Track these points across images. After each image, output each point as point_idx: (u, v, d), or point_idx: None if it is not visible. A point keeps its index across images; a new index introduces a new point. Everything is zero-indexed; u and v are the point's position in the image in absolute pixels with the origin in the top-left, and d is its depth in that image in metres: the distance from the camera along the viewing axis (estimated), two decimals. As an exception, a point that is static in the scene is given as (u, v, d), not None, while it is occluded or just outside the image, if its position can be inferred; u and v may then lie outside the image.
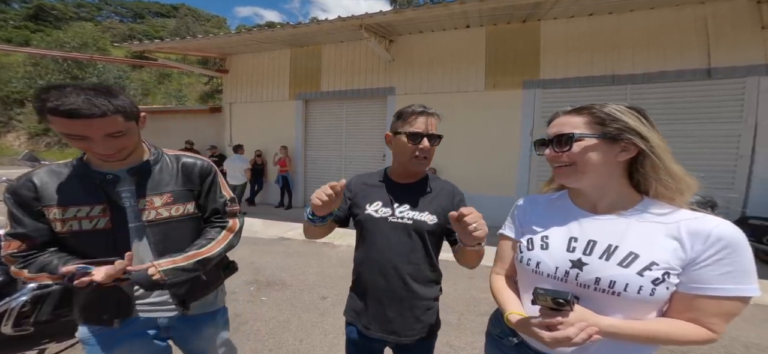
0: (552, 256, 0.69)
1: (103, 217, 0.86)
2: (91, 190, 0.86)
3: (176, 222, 0.95)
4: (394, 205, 0.99)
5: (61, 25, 32.11)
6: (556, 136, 0.70)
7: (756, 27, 4.29)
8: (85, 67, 21.00)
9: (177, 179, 0.97)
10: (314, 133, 7.32)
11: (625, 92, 4.96)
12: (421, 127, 0.96)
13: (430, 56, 6.02)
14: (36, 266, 0.82)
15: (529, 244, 0.74)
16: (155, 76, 26.44)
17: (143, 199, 0.91)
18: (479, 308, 2.76)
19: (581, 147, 0.66)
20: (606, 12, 4.90)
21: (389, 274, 0.96)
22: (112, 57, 17.65)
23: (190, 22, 38.41)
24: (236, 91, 7.84)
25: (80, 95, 0.74)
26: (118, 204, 0.88)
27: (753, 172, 4.36)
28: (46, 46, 20.17)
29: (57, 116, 0.73)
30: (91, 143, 0.79)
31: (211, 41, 6.81)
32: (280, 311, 2.63)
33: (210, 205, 1.02)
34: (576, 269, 0.65)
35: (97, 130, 0.77)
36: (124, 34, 34.85)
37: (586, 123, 0.67)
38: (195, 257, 0.92)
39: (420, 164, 0.98)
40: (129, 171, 0.90)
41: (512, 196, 5.54)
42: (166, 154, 1.00)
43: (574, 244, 0.68)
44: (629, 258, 0.61)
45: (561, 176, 0.71)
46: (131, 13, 57.49)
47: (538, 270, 0.70)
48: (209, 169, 1.03)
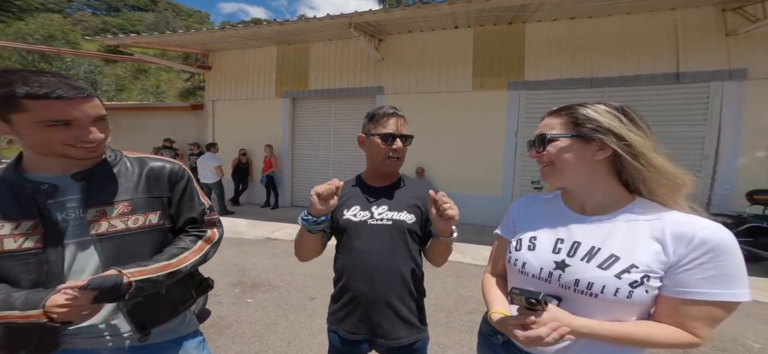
0: (538, 256, 0.70)
1: (32, 235, 0.72)
2: (22, 202, 0.73)
3: (133, 235, 0.81)
4: (372, 208, 0.99)
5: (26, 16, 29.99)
6: (537, 136, 0.72)
7: (721, 34, 4.60)
8: (52, 61, 19.73)
9: (138, 185, 0.84)
10: (302, 132, 7.20)
11: (603, 94, 5.19)
12: (393, 128, 0.98)
13: (419, 56, 6.06)
14: None
15: (517, 244, 0.75)
16: (131, 71, 25.22)
17: (93, 208, 0.77)
18: (467, 306, 2.79)
19: (557, 147, 0.67)
20: (586, 16, 5.11)
21: (373, 277, 0.95)
22: (82, 51, 16.64)
23: (170, 16, 36.87)
24: (220, 88, 7.59)
25: (51, 77, 0.68)
26: (53, 219, 0.74)
27: (717, 172, 4.67)
28: (7, 37, 18.78)
29: (37, 100, 0.65)
30: (78, 130, 0.71)
31: (192, 37, 6.54)
32: (266, 313, 2.56)
33: (184, 214, 0.91)
34: (559, 270, 0.66)
35: (84, 112, 0.71)
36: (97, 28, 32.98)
37: (563, 123, 0.68)
38: (166, 269, 0.79)
39: (393, 164, 1.01)
40: (75, 176, 0.77)
41: (498, 195, 5.67)
42: (126, 157, 0.87)
43: (560, 245, 0.68)
44: (610, 260, 0.61)
45: (544, 175, 0.73)
46: (105, 6, 54.47)
47: (524, 270, 0.71)
48: (181, 173, 0.91)
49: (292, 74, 6.99)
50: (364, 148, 1.05)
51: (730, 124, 4.60)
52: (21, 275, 0.72)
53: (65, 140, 0.71)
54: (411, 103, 5.98)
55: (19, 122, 0.68)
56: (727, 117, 4.62)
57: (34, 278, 0.72)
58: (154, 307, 0.84)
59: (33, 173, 0.76)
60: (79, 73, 20.73)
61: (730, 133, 4.60)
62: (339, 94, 6.68)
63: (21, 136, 0.71)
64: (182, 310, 0.92)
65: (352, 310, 0.98)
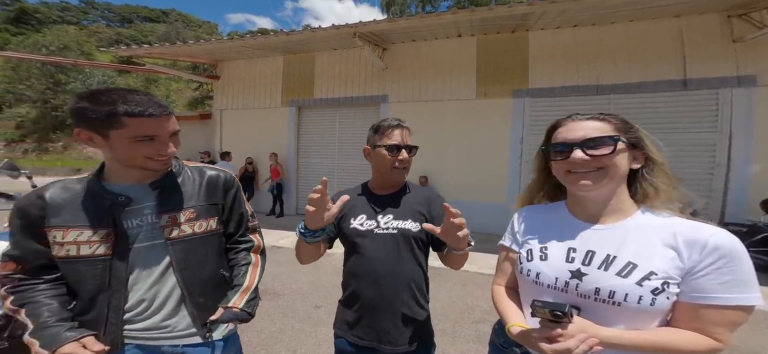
0: (551, 266, 0.69)
1: (105, 242, 0.79)
2: (100, 211, 0.80)
3: (199, 239, 0.89)
4: (378, 217, 1.02)
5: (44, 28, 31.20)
6: (587, 139, 0.66)
7: (727, 40, 4.56)
8: (68, 71, 20.40)
9: (200, 193, 0.92)
10: (307, 141, 7.29)
11: (609, 101, 5.16)
12: (398, 139, 1.01)
13: (422, 64, 6.13)
14: (20, 299, 0.77)
15: (528, 254, 0.74)
16: (142, 81, 25.90)
17: (166, 214, 0.85)
18: (473, 315, 2.76)
19: (616, 152, 0.65)
20: (589, 23, 5.13)
21: (381, 284, 0.97)
22: (96, 61, 17.21)
23: (180, 27, 37.96)
24: (227, 97, 7.75)
25: (143, 97, 0.77)
26: (124, 229, 0.81)
27: (730, 180, 4.58)
28: (25, 49, 19.51)
29: (134, 118, 0.74)
30: (158, 144, 0.79)
31: (202, 47, 6.74)
32: (272, 321, 2.57)
33: (233, 220, 0.98)
34: (575, 279, 0.65)
35: (166, 128, 0.80)
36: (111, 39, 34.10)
37: (614, 128, 0.67)
38: (251, 287, 0.93)
39: (400, 175, 1.04)
40: (151, 185, 0.85)
41: (503, 203, 5.62)
42: (187, 167, 0.95)
43: (573, 254, 0.67)
44: (628, 268, 0.61)
45: (591, 179, 0.66)
46: (118, 18, 56.45)
47: (538, 281, 0.70)
48: (232, 181, 1.00)
49: (298, 83, 7.11)
50: (370, 159, 1.07)
51: (741, 131, 4.52)
52: (87, 279, 0.79)
53: (147, 154, 0.79)
54: (415, 111, 6.02)
55: (114, 137, 0.76)
56: (737, 124, 4.54)
57: (99, 283, 0.79)
58: (212, 307, 0.89)
59: (112, 183, 0.84)
60: (93, 83, 21.36)
61: (742, 140, 4.52)
62: (344, 102, 6.77)
63: (113, 150, 0.78)
64: None
65: (359, 316, 0.99)
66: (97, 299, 0.79)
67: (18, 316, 0.76)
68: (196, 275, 0.87)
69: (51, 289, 0.79)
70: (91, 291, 0.79)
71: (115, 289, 0.79)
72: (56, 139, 20.95)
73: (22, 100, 20.87)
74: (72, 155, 20.27)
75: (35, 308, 0.75)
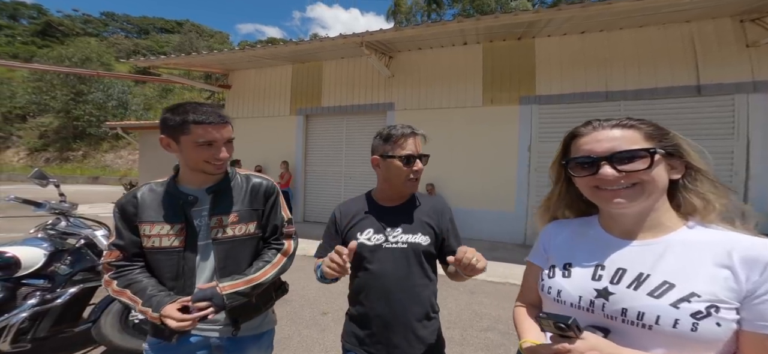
0: (575, 284, 0.63)
1: (179, 236, 0.92)
2: (176, 209, 0.93)
3: (239, 241, 0.98)
4: (387, 231, 0.98)
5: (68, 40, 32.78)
6: (616, 152, 0.58)
7: (741, 45, 4.46)
8: (89, 82, 21.30)
9: (244, 199, 1.01)
10: (315, 148, 7.40)
11: (619, 108, 5.09)
12: (412, 148, 0.96)
13: (428, 72, 6.18)
14: (124, 282, 0.91)
15: (550, 271, 0.70)
16: (158, 91, 26.80)
17: (215, 217, 0.96)
18: (482, 323, 2.73)
19: (654, 165, 0.58)
20: (597, 29, 5.10)
21: (391, 299, 0.95)
22: (115, 72, 17.97)
23: (194, 37, 39.28)
24: (238, 106, 7.97)
25: (208, 108, 0.90)
26: (194, 225, 0.94)
27: (749, 188, 4.43)
28: (49, 61, 20.52)
29: (200, 125, 0.87)
30: (215, 149, 0.90)
31: (214, 57, 6.98)
32: (280, 327, 2.59)
33: (271, 224, 1.05)
34: (601, 299, 0.59)
35: (222, 135, 0.91)
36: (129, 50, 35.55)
37: (647, 137, 0.59)
38: (252, 282, 0.95)
39: (413, 186, 1.00)
40: (207, 190, 0.97)
41: (512, 211, 5.56)
42: (238, 174, 1.05)
43: (601, 272, 0.61)
44: (662, 288, 0.54)
45: (625, 197, 0.59)
46: (136, 29, 58.87)
47: (559, 299, 0.65)
48: (273, 188, 1.07)
49: (306, 92, 7.26)
50: (379, 170, 1.01)
51: (759, 137, 4.39)
52: (166, 267, 0.92)
53: (206, 157, 0.91)
54: (421, 118, 6.06)
55: (184, 142, 0.89)
56: (755, 130, 4.41)
57: (175, 271, 0.93)
58: (246, 305, 0.98)
59: (184, 186, 0.98)
60: (114, 93, 22.20)
61: (760, 147, 4.38)
62: (351, 110, 6.87)
63: (182, 153, 0.91)
64: (264, 310, 1.07)
65: (370, 332, 0.97)
66: (175, 287, 0.91)
67: (123, 298, 0.89)
68: (232, 274, 0.96)
69: (146, 271, 0.94)
70: (169, 278, 0.92)
71: (186, 277, 0.92)
72: (77, 148, 21.81)
73: (46, 111, 21.84)
74: (90, 164, 21.04)
75: (139, 286, 0.89)
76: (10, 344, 1.75)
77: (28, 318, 1.80)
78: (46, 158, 21.22)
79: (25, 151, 21.76)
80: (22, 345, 1.80)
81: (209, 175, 0.95)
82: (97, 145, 22.02)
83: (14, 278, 1.78)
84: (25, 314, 1.78)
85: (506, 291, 3.47)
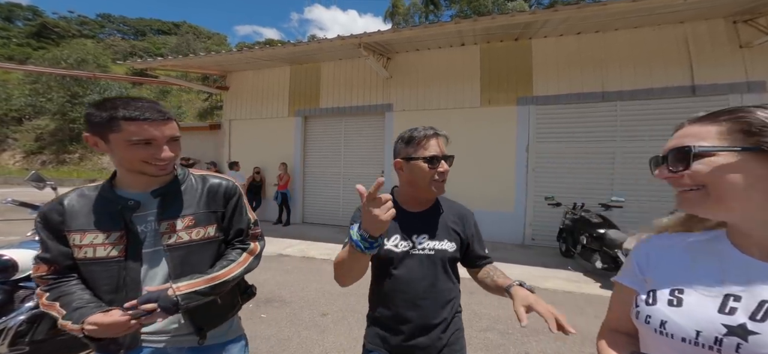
0: (689, 315, 0.50)
1: (118, 245, 0.84)
2: (113, 215, 0.85)
3: (196, 246, 0.91)
4: (413, 237, 0.98)
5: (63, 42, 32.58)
6: (672, 150, 0.53)
7: (734, 46, 4.52)
8: (85, 84, 21.17)
9: (200, 201, 0.94)
10: (313, 150, 7.39)
11: (615, 108, 5.13)
12: (436, 149, 0.95)
13: (426, 73, 6.21)
14: (55, 294, 0.83)
15: (650, 297, 0.56)
16: (155, 92, 26.67)
17: (165, 222, 0.88)
18: (481, 324, 2.74)
19: (713, 166, 0.49)
20: (593, 30, 5.15)
21: (419, 305, 0.95)
22: (112, 74, 17.87)
23: (191, 39, 39.12)
24: (236, 107, 7.95)
25: (144, 103, 0.81)
26: (136, 232, 0.86)
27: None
28: (44, 62, 20.37)
29: (132, 122, 0.78)
30: (155, 149, 0.82)
31: (213, 59, 6.98)
32: (279, 329, 2.60)
33: (234, 227, 0.99)
34: (734, 338, 0.46)
35: (163, 133, 0.83)
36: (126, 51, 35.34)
37: (724, 132, 0.49)
38: (213, 281, 0.88)
39: (440, 188, 0.97)
40: (153, 193, 0.88)
41: (511, 211, 5.59)
42: (192, 175, 0.98)
43: (734, 303, 0.48)
44: None
45: (686, 204, 0.53)
46: (133, 31, 58.54)
47: (663, 330, 0.52)
48: (234, 189, 1.01)
49: (304, 93, 7.26)
50: (403, 173, 1.00)
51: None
52: (104, 280, 0.83)
53: (144, 157, 0.82)
54: (420, 119, 6.07)
55: (113, 140, 0.80)
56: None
57: (114, 284, 0.83)
58: (209, 312, 0.92)
59: (122, 190, 0.88)
60: (110, 95, 21.95)
61: (754, 145, 4.44)
62: (349, 111, 6.88)
63: (113, 153, 0.83)
64: (230, 316, 1.00)
65: (397, 335, 0.97)
66: (115, 300, 0.82)
67: (52, 311, 0.81)
68: None
69: (81, 284, 0.85)
70: (107, 292, 0.83)
71: (130, 289, 0.83)
72: (73, 151, 21.65)
73: (42, 113, 21.68)
74: (87, 166, 20.88)
75: (68, 298, 0.81)
76: (8, 347, 1.74)
77: (25, 321, 1.79)
78: (42, 161, 21.05)
79: (21, 154, 21.57)
80: (21, 348, 1.79)
81: (152, 177, 0.86)
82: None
83: (11, 281, 1.78)
84: (23, 317, 1.77)
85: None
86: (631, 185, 4.91)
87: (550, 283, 3.76)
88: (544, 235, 5.41)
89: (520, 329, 2.67)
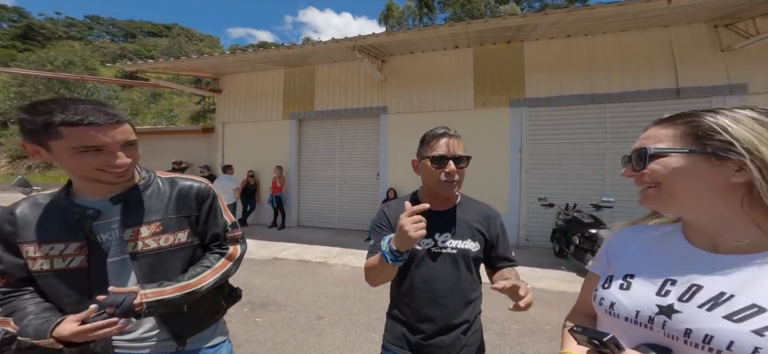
0: (633, 297, 0.57)
1: (78, 255, 0.79)
2: (71, 225, 0.79)
3: (167, 253, 0.86)
4: (435, 235, 0.98)
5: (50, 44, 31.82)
6: (635, 151, 0.59)
7: (716, 49, 4.68)
8: (73, 87, 20.72)
9: (169, 206, 0.88)
10: (308, 153, 7.36)
11: (604, 110, 5.25)
12: (444, 149, 0.95)
13: (421, 76, 6.26)
14: (8, 309, 0.77)
15: (607, 281, 0.63)
16: (146, 95, 26.23)
17: (129, 229, 0.83)
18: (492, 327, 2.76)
19: (667, 166, 0.54)
20: (582, 33, 5.27)
21: (441, 303, 0.95)
22: (102, 77, 17.52)
23: (183, 41, 38.65)
24: (229, 110, 7.88)
25: (87, 105, 0.73)
26: (97, 241, 0.81)
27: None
28: (29, 65, 19.87)
29: (72, 127, 0.70)
30: (108, 155, 0.75)
31: (205, 61, 6.90)
32: (275, 333, 2.58)
33: (210, 231, 0.95)
34: (663, 316, 0.52)
35: (115, 138, 0.75)
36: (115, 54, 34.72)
37: (677, 135, 0.54)
38: (184, 289, 0.84)
39: (449, 188, 0.96)
40: (113, 200, 0.82)
41: (505, 212, 5.65)
42: (159, 178, 0.91)
43: (670, 287, 0.55)
44: (746, 311, 0.46)
45: (645, 200, 0.59)
46: (122, 33, 57.56)
47: (612, 311, 0.59)
48: (207, 191, 0.95)
49: (299, 96, 7.24)
50: (418, 172, 1.03)
51: (736, 136, 4.59)
52: (65, 292, 0.78)
53: (96, 165, 0.75)
54: (414, 122, 6.12)
55: (56, 149, 0.72)
56: (732, 130, 4.61)
57: (78, 295, 0.78)
58: (188, 317, 0.89)
59: (80, 197, 0.82)
60: (99, 98, 21.62)
61: (737, 146, 4.59)
62: (344, 114, 6.88)
63: (59, 162, 0.75)
64: (213, 321, 0.97)
65: (418, 334, 0.97)
66: (78, 312, 0.75)
67: (7, 327, 0.76)
68: None
69: (37, 297, 0.80)
70: (70, 303, 0.78)
71: (94, 301, 0.78)
72: (59, 154, 21.11)
73: (27, 116, 21.11)
74: (74, 169, 20.38)
75: (22, 313, 0.75)
76: (-7, 358, 1.69)
77: (12, 331, 1.75)
78: (28, 166, 20.48)
79: (6, 159, 20.97)
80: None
81: (110, 184, 0.80)
82: (81, 151, 21.35)
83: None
84: (10, 327, 1.73)
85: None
86: (621, 186, 5.02)
87: (544, 283, 3.82)
88: (538, 236, 5.48)
89: (516, 330, 2.70)
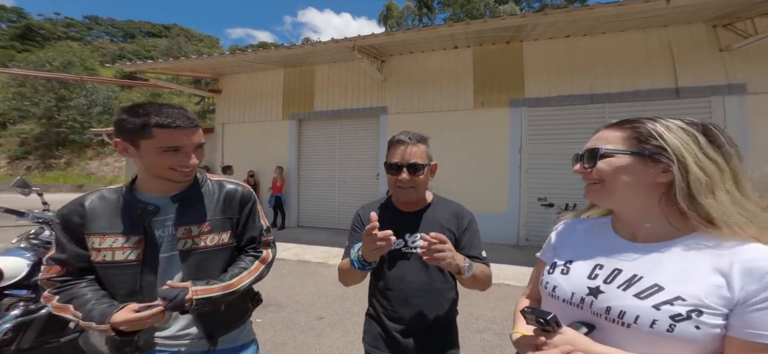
0: (570, 281, 0.66)
1: (136, 249, 0.84)
2: (133, 220, 0.85)
3: (211, 252, 0.91)
4: (406, 235, 1.00)
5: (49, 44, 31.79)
6: (587, 150, 0.66)
7: (715, 49, 4.69)
8: (72, 87, 20.69)
9: (217, 207, 0.94)
10: (307, 153, 7.36)
11: (603, 110, 5.26)
12: (398, 157, 0.96)
13: (420, 76, 6.26)
14: (66, 296, 0.82)
15: (551, 268, 0.72)
16: (145, 96, 26.19)
17: (182, 227, 0.88)
18: (477, 325, 2.77)
19: (612, 165, 0.61)
20: (581, 34, 5.27)
21: (411, 302, 0.97)
22: (101, 77, 17.50)
23: (182, 41, 38.62)
24: (229, 111, 7.88)
25: (174, 110, 0.83)
26: (154, 236, 0.86)
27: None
28: (29, 65, 19.84)
29: (164, 129, 0.79)
30: (183, 156, 0.83)
31: (204, 61, 6.90)
32: (275, 333, 2.58)
33: (247, 233, 0.99)
34: (591, 297, 0.61)
35: (192, 140, 0.84)
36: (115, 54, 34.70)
37: (624, 138, 0.62)
38: (227, 289, 0.88)
39: (405, 194, 0.99)
40: (173, 198, 0.89)
41: (504, 212, 5.66)
42: (210, 180, 0.98)
43: (598, 271, 0.64)
44: (650, 290, 0.55)
45: (589, 194, 0.67)
46: (122, 33, 57.47)
47: (554, 294, 0.68)
48: (249, 195, 1.01)
49: (298, 96, 7.24)
50: None
51: (735, 138, 4.59)
52: (121, 283, 0.83)
53: (172, 164, 0.83)
54: (414, 122, 6.12)
55: (144, 147, 0.81)
56: (731, 132, 4.56)
57: (131, 287, 0.83)
58: (220, 318, 0.93)
59: (143, 194, 0.89)
60: (98, 98, 21.60)
61: (736, 145, 4.60)
62: (343, 114, 6.88)
63: (142, 159, 0.83)
64: (241, 323, 1.01)
65: (392, 333, 0.99)
66: (130, 301, 0.81)
67: (66, 313, 0.81)
68: None
69: (93, 285, 0.85)
70: (124, 295, 0.83)
71: (146, 293, 0.83)
72: (59, 156, 21.09)
73: (27, 117, 21.09)
74: (75, 171, 20.37)
75: (82, 299, 0.81)
76: (-8, 358, 1.69)
77: (11, 329, 1.74)
78: (27, 166, 20.43)
79: (6, 160, 20.91)
80: (6, 358, 1.74)
81: (175, 182, 0.87)
82: (81, 152, 21.36)
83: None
84: (9, 325, 1.72)
85: (501, 292, 3.52)
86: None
87: (544, 282, 3.82)
88: (538, 236, 5.49)
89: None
